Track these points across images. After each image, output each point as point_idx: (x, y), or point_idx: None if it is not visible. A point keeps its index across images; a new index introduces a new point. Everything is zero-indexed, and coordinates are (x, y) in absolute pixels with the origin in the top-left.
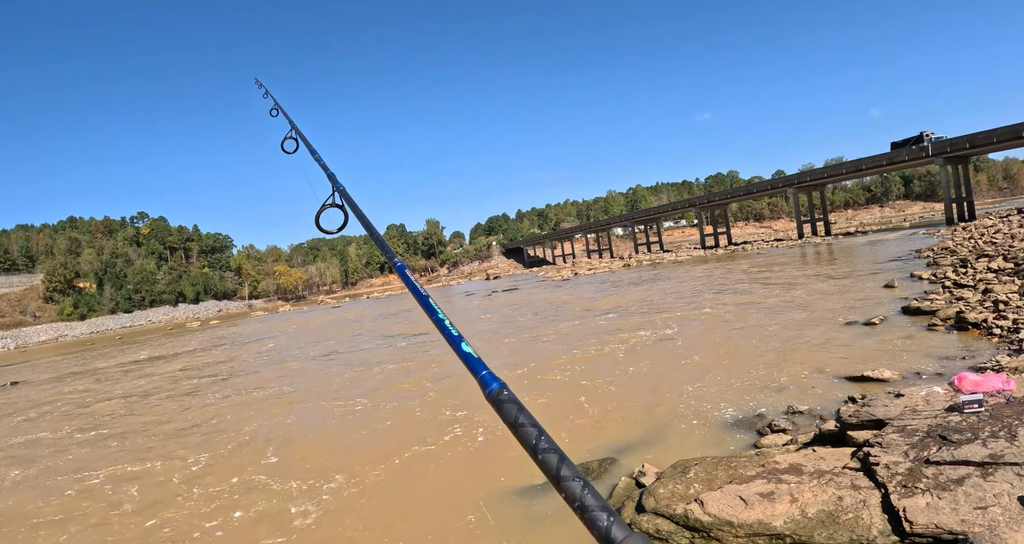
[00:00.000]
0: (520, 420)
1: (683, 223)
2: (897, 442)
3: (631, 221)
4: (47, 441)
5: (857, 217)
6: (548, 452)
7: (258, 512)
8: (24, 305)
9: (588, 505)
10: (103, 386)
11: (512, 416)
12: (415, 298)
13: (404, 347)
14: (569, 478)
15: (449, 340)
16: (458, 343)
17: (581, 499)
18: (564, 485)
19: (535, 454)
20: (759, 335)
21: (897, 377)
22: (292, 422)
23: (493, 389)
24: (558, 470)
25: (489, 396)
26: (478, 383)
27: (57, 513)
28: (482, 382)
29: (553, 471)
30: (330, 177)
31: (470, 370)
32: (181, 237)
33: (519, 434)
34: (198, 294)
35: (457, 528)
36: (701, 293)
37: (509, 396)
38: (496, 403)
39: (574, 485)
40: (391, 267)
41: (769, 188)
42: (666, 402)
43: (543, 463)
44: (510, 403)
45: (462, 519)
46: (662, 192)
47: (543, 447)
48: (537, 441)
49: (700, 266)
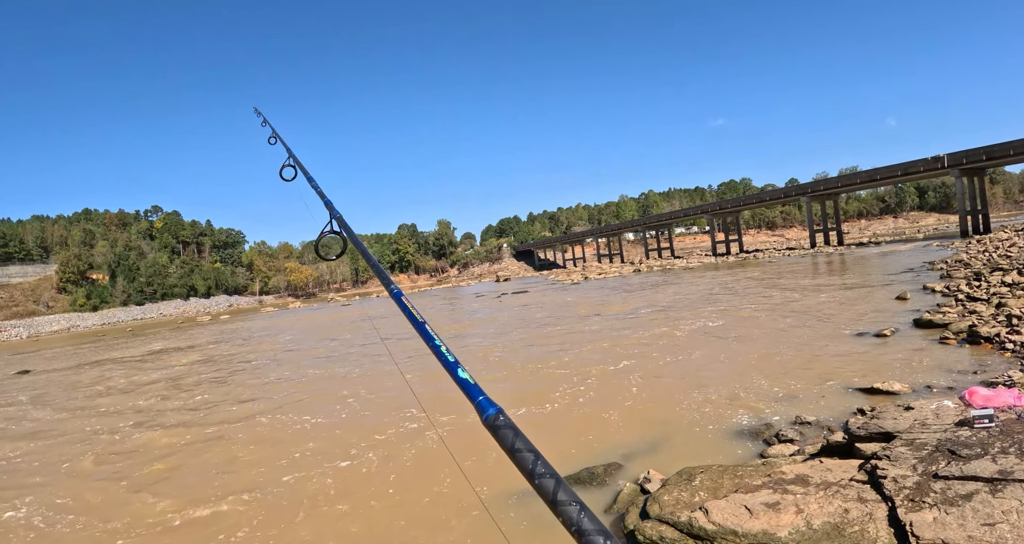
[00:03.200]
0: (517, 445)
1: (695, 230)
2: (905, 455)
3: (643, 226)
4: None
5: (870, 227)
6: (544, 477)
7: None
8: (38, 295)
9: (585, 529)
10: (138, 372)
11: (509, 442)
12: (412, 325)
13: (411, 344)
14: (566, 502)
15: (446, 366)
16: (455, 369)
17: (578, 523)
18: (561, 509)
19: (532, 479)
20: (768, 344)
21: (907, 390)
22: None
23: (490, 415)
24: (555, 494)
25: (486, 422)
26: (475, 408)
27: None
28: (479, 408)
29: (550, 496)
30: (327, 204)
31: (467, 396)
32: (194, 232)
33: (516, 460)
34: (209, 289)
35: (459, 527)
36: (711, 300)
37: (505, 421)
38: (493, 429)
39: (571, 509)
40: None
41: (782, 196)
42: (672, 408)
43: (540, 487)
44: (507, 428)
45: (465, 517)
46: (674, 198)
47: (540, 472)
48: (534, 466)
49: (711, 273)
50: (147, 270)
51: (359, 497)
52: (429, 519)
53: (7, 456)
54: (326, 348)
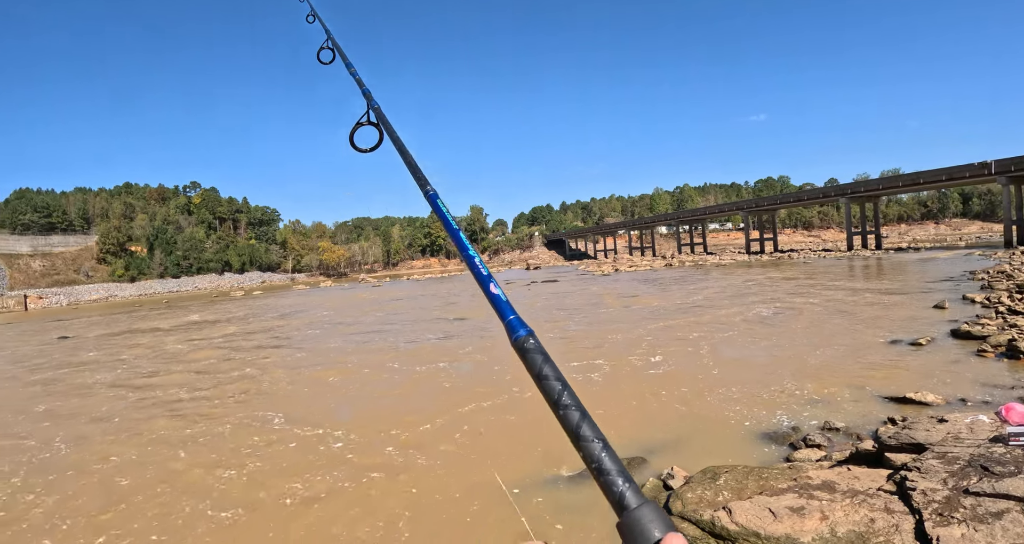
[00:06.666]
0: (545, 372)
1: (729, 226)
2: (936, 468)
3: (676, 220)
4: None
5: (910, 232)
6: (570, 408)
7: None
8: (78, 264)
9: (605, 468)
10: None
11: (537, 366)
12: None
13: (443, 326)
14: (589, 438)
15: (478, 278)
16: (487, 283)
17: (599, 461)
18: (583, 445)
19: (556, 409)
20: (798, 346)
21: (940, 402)
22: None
23: (520, 336)
24: (578, 428)
25: (515, 343)
26: (504, 328)
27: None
28: (509, 327)
29: (573, 428)
30: (365, 94)
31: (497, 313)
32: (231, 208)
33: (542, 386)
34: (243, 264)
35: (481, 513)
36: (743, 299)
37: (536, 345)
38: (521, 351)
39: (593, 446)
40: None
41: (821, 196)
42: (698, 405)
43: (564, 419)
44: (536, 352)
45: (487, 504)
46: (710, 193)
47: (565, 403)
48: (560, 396)
49: (744, 271)
50: (184, 244)
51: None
52: (452, 505)
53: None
54: (372, 320)
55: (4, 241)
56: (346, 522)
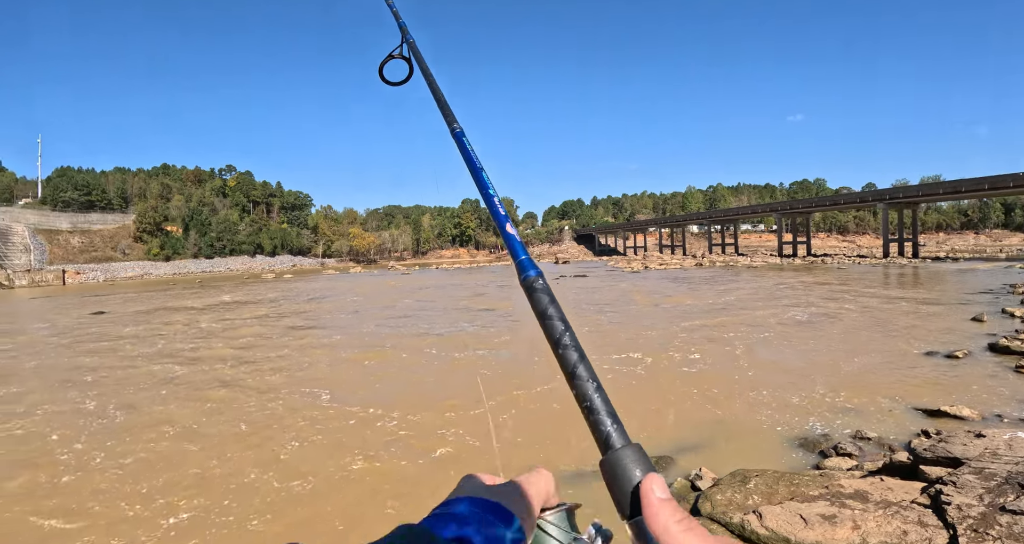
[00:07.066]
0: (549, 312)
1: (761, 227)
2: (972, 484)
3: (708, 220)
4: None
5: (949, 242)
6: (569, 349)
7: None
8: (115, 242)
9: (595, 407)
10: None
11: (543, 306)
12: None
13: (474, 315)
14: (584, 378)
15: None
16: (504, 222)
17: (590, 400)
18: (577, 383)
19: (556, 348)
20: (832, 353)
21: (976, 417)
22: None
23: (530, 275)
24: (575, 367)
25: (523, 281)
26: (515, 267)
27: None
28: (520, 267)
29: (570, 367)
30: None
31: (510, 252)
32: (264, 192)
33: (545, 325)
34: (275, 248)
35: None
36: (776, 301)
37: (544, 286)
38: (529, 290)
39: (587, 385)
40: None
41: (857, 201)
42: (729, 408)
43: (562, 358)
44: (543, 293)
45: None
46: (743, 193)
47: (565, 343)
48: (561, 336)
49: (775, 274)
50: (218, 226)
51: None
52: None
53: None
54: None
55: (45, 217)
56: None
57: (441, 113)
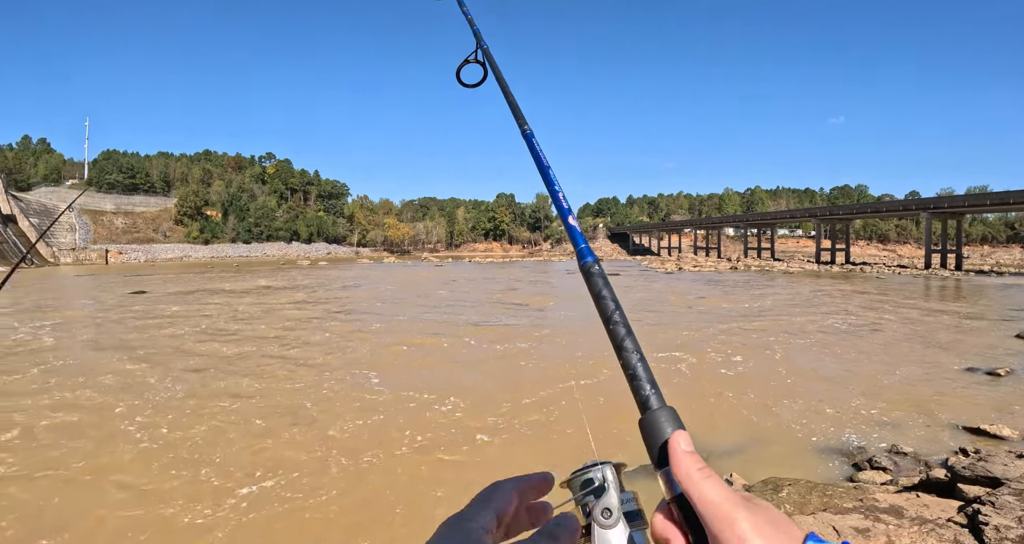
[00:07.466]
0: (604, 293)
1: (799, 233)
2: (1012, 505)
3: (745, 223)
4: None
5: (994, 255)
6: (618, 324)
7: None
8: (157, 224)
9: (638, 375)
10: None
11: (598, 288)
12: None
13: (509, 309)
14: (630, 350)
15: (560, 211)
16: (566, 215)
17: (634, 369)
18: (623, 354)
19: (607, 323)
20: (870, 365)
21: (1016, 437)
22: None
23: (588, 261)
24: (623, 340)
25: (582, 267)
26: (575, 254)
27: None
28: (579, 254)
29: (618, 340)
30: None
31: (572, 240)
32: (302, 180)
33: (599, 304)
34: (311, 235)
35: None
36: (814, 309)
37: (600, 271)
38: (587, 274)
39: (632, 356)
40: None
41: (900, 209)
42: (763, 415)
43: (612, 332)
44: (599, 277)
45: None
46: (781, 197)
47: (615, 320)
48: (612, 314)
49: (812, 280)
50: (256, 212)
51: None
52: None
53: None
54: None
55: (91, 198)
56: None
57: (512, 115)
